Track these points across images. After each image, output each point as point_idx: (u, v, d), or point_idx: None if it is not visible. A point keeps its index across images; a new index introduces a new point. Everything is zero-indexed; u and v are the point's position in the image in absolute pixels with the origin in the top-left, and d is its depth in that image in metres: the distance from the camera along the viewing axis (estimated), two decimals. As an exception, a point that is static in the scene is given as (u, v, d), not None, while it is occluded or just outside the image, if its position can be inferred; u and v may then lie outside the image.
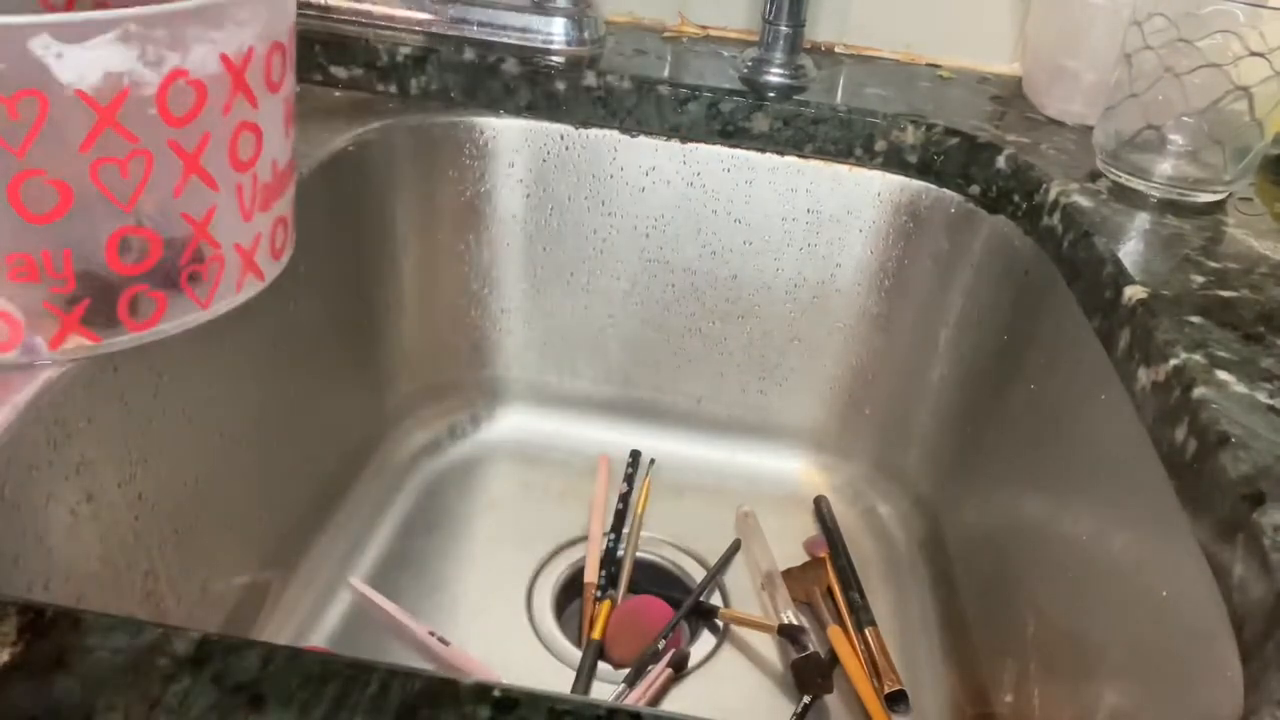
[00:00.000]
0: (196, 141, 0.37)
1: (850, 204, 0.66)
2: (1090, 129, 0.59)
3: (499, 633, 0.57)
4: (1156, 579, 0.38)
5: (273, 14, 0.39)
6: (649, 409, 0.74)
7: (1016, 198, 0.59)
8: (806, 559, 0.64)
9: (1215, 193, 0.54)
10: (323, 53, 0.65)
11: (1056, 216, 0.54)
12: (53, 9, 0.45)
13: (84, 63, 0.32)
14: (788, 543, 0.67)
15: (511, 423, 0.74)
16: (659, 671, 0.55)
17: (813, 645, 0.56)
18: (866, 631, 0.58)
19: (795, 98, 0.65)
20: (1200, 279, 0.46)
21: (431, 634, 0.55)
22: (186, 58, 0.35)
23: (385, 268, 0.66)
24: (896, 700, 0.55)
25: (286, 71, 0.41)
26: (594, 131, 0.66)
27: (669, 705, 0.55)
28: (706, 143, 0.66)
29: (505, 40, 0.67)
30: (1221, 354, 0.39)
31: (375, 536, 0.64)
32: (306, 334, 0.58)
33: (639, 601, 0.60)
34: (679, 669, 0.56)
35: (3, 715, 0.24)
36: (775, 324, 0.70)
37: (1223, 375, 0.38)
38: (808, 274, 0.68)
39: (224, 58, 0.36)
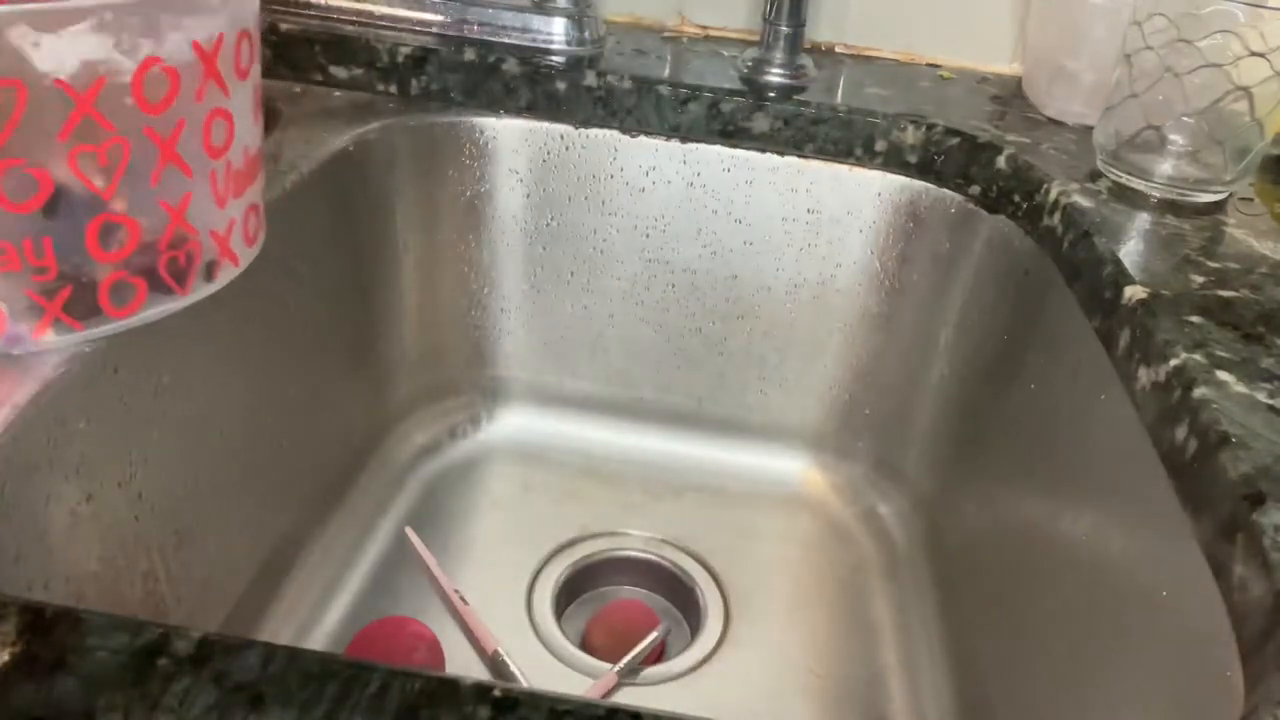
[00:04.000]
0: (171, 128, 0.37)
1: (850, 204, 0.66)
2: (1090, 129, 0.59)
3: (499, 633, 0.57)
4: (1156, 579, 0.38)
5: (240, 1, 0.39)
6: (649, 409, 0.74)
7: (1016, 198, 0.59)
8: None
9: (1215, 193, 0.54)
10: (323, 53, 0.65)
11: (1057, 216, 0.54)
12: None
13: (61, 51, 0.33)
14: (787, 544, 0.67)
15: (511, 423, 0.74)
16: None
17: None
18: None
19: (795, 98, 0.65)
20: (1200, 279, 0.46)
21: (455, 591, 0.59)
22: (161, 45, 0.35)
23: (385, 268, 0.66)
24: None
25: (254, 59, 0.42)
26: (594, 131, 0.66)
27: (666, 706, 0.55)
28: (707, 143, 0.66)
29: (505, 40, 0.67)
30: (1221, 354, 0.39)
31: (375, 536, 0.64)
32: (306, 334, 0.58)
33: (621, 604, 0.60)
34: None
35: (3, 715, 0.24)
36: (775, 324, 0.70)
37: (1223, 375, 0.38)
38: (808, 274, 0.68)
39: (196, 45, 0.37)
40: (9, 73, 0.32)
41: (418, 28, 0.67)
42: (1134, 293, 0.44)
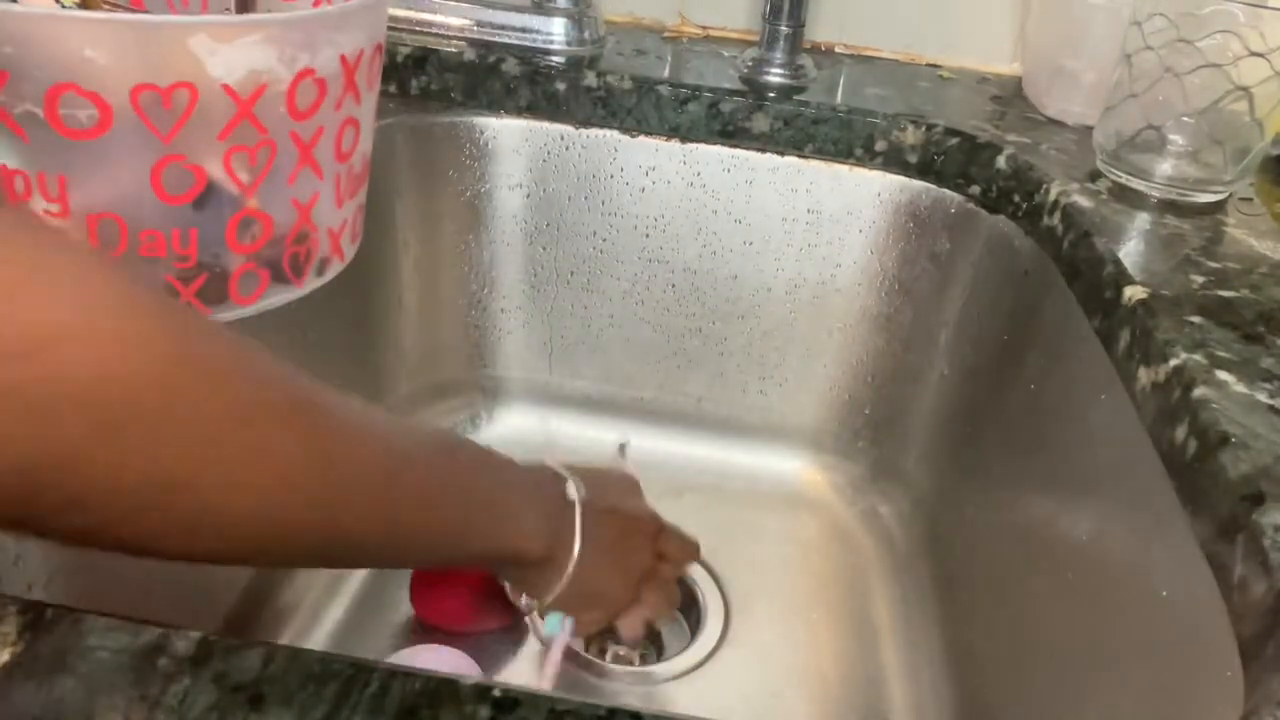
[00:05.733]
0: (312, 134, 0.40)
1: (850, 204, 0.66)
2: (1090, 129, 0.59)
3: (499, 633, 0.57)
4: (1156, 579, 0.38)
5: (379, 17, 0.42)
6: (649, 409, 0.74)
7: (1016, 198, 0.59)
8: None
9: (1215, 193, 0.54)
10: (323, 53, 0.65)
11: (1056, 216, 0.54)
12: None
13: (232, 60, 0.36)
14: (787, 544, 0.67)
15: (511, 423, 0.74)
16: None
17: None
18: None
19: (795, 98, 0.65)
20: (1200, 279, 0.46)
21: None
22: (315, 58, 0.38)
23: (385, 268, 0.66)
24: None
25: (380, 70, 0.45)
26: (594, 131, 0.66)
27: (672, 707, 0.55)
28: (706, 143, 0.66)
29: (505, 40, 0.67)
30: (1221, 354, 0.39)
31: (375, 536, 0.63)
32: (306, 334, 0.58)
33: None
34: None
35: (3, 715, 0.24)
36: (775, 324, 0.70)
37: (1223, 375, 0.38)
38: (808, 274, 0.68)
39: (343, 58, 0.40)
40: (185, 76, 0.35)
41: (417, 28, 0.67)
42: (1134, 293, 0.44)
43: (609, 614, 0.50)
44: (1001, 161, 0.61)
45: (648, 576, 0.50)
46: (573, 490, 0.45)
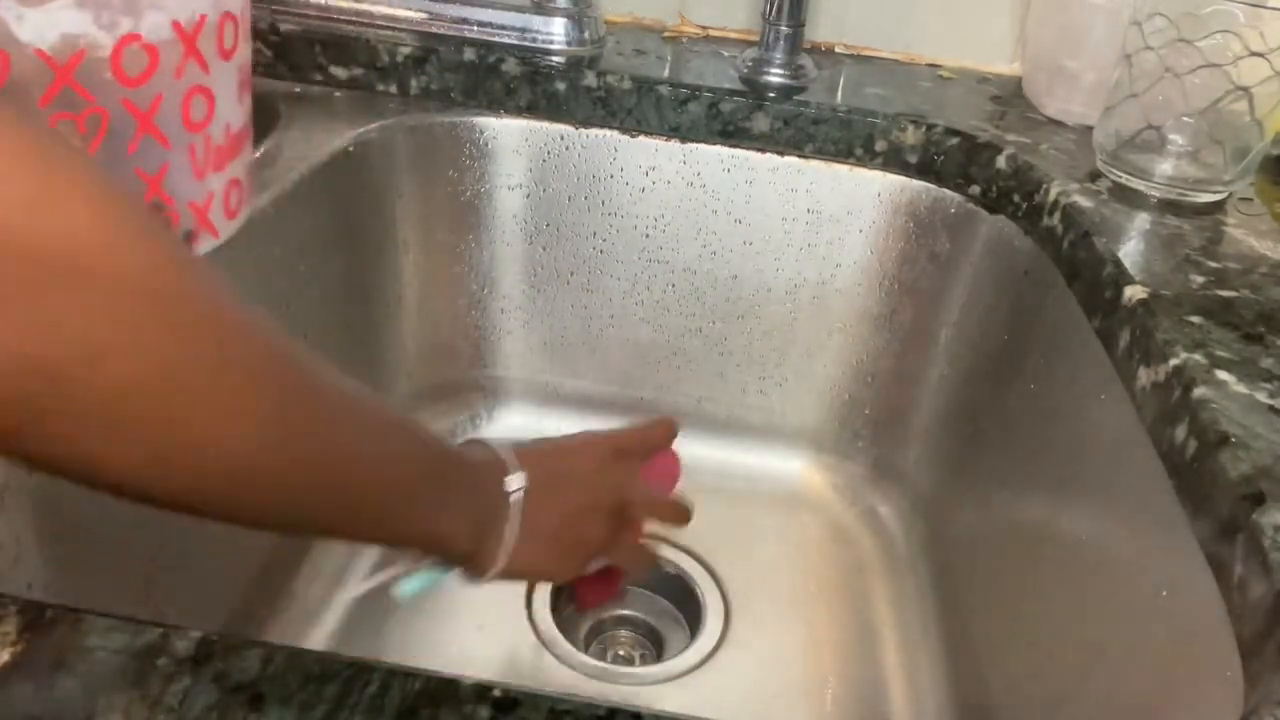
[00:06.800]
0: (150, 102, 0.39)
1: (850, 204, 0.66)
2: (1090, 129, 0.59)
3: (499, 633, 0.57)
4: (1156, 579, 0.38)
5: None
6: (649, 409, 0.74)
7: (1016, 198, 0.59)
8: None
9: (1215, 193, 0.54)
10: (323, 53, 0.65)
11: (1056, 216, 0.54)
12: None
13: (42, 25, 0.35)
14: (787, 544, 0.67)
15: (511, 423, 0.74)
16: None
17: None
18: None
19: (795, 98, 0.65)
20: (1200, 279, 0.46)
21: None
22: (140, 23, 0.37)
23: (385, 268, 0.66)
24: None
25: (240, 40, 0.43)
26: (594, 131, 0.66)
27: (667, 706, 0.55)
28: (706, 143, 0.66)
29: (505, 40, 0.67)
30: (1221, 354, 0.39)
31: (375, 536, 0.63)
32: (306, 334, 0.58)
33: None
34: None
35: (3, 715, 0.24)
36: (775, 324, 0.70)
37: (1223, 375, 0.38)
38: (808, 274, 0.68)
39: (176, 25, 0.39)
40: None
41: (418, 28, 0.67)
42: (1134, 293, 0.44)
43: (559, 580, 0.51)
44: (1001, 161, 0.61)
45: (605, 547, 0.47)
46: (512, 482, 0.42)
